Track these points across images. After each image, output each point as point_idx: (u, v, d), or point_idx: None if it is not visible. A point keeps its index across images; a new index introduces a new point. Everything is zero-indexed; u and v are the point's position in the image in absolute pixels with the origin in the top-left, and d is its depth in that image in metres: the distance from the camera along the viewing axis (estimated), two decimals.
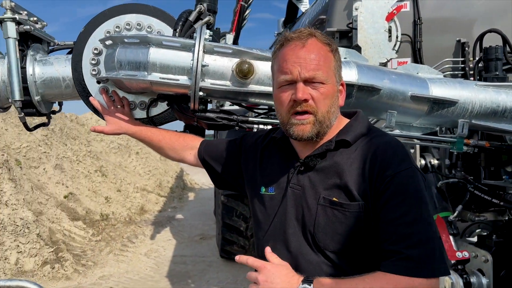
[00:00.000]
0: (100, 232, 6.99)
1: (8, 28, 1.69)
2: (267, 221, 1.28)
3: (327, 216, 1.14)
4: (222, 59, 1.48)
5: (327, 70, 1.14)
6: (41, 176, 7.56)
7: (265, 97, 1.56)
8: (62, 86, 1.83)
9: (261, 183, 1.31)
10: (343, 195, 1.13)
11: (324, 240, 1.14)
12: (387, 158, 1.12)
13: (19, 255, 4.98)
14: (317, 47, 1.15)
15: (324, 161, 1.19)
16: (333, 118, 1.19)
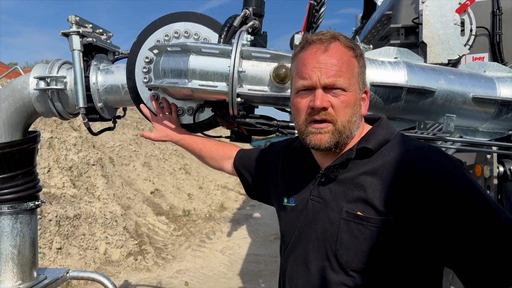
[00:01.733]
0: (181, 227, 7.36)
1: (73, 41, 1.84)
2: (289, 234, 1.21)
3: (350, 232, 1.04)
4: (260, 64, 1.45)
5: (349, 77, 1.06)
6: (131, 173, 8.20)
7: None
8: (122, 93, 1.95)
9: (283, 194, 1.26)
10: (368, 208, 1.03)
11: (347, 257, 1.05)
12: (427, 164, 1.00)
13: (107, 246, 5.44)
14: (339, 51, 1.06)
15: (345, 171, 1.10)
16: (354, 128, 1.10)
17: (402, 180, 1.00)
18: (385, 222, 1.00)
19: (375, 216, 1.01)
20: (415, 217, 0.99)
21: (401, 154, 1.04)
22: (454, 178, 0.97)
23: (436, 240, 0.99)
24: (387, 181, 1.02)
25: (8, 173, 1.94)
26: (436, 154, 1.03)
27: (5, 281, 2.00)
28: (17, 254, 2.01)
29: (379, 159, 1.06)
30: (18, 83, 1.97)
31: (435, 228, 0.98)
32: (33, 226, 2.10)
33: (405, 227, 0.99)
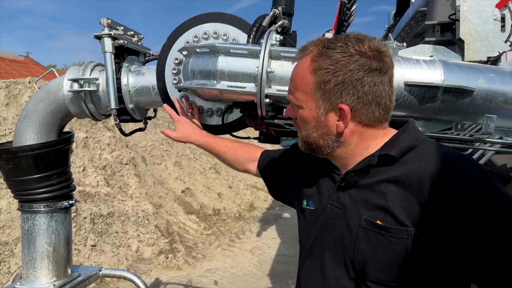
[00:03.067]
0: (211, 226, 7.42)
1: (105, 44, 1.87)
2: (307, 237, 1.18)
3: (369, 240, 1.00)
4: (289, 64, 1.43)
5: (300, 94, 1.05)
6: (162, 172, 8.33)
7: None
8: (152, 94, 1.97)
9: (303, 196, 1.23)
10: (388, 218, 0.98)
11: (364, 267, 1.01)
12: (454, 174, 0.94)
13: (139, 244, 5.55)
14: (300, 66, 1.06)
15: (367, 177, 1.05)
16: (325, 142, 1.06)
17: (426, 190, 0.95)
18: (405, 233, 0.96)
19: (395, 226, 0.97)
20: (438, 230, 0.93)
21: (426, 162, 0.98)
22: (484, 190, 0.91)
23: (460, 255, 0.94)
24: (410, 190, 0.97)
25: (43, 172, 2.00)
26: (465, 163, 0.97)
27: (40, 278, 2.06)
28: (52, 252, 2.07)
29: (402, 167, 1.00)
30: (53, 85, 2.02)
31: (461, 243, 0.92)
32: (67, 225, 2.15)
33: (427, 239, 0.94)
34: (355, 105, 1.00)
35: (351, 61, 0.98)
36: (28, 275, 2.07)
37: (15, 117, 6.23)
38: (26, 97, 6.66)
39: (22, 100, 6.62)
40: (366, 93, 0.99)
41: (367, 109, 1.01)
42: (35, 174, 1.99)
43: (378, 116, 1.02)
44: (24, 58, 18.14)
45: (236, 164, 1.66)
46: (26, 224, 2.05)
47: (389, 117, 1.06)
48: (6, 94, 6.51)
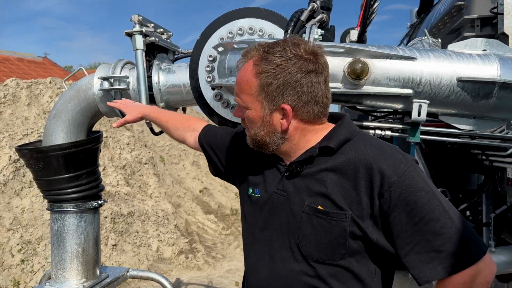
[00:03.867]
0: (230, 226, 7.38)
1: (137, 41, 1.84)
2: (253, 223, 1.26)
3: (312, 224, 1.11)
4: (333, 60, 1.37)
5: (245, 96, 1.13)
6: (180, 171, 8.33)
7: (382, 99, 1.39)
8: (183, 92, 1.93)
9: (249, 183, 1.30)
10: (328, 203, 1.10)
11: (308, 249, 1.12)
12: (383, 163, 1.06)
13: (159, 244, 5.54)
14: (243, 70, 1.13)
15: (309, 167, 1.15)
16: (271, 139, 1.15)
17: (360, 177, 1.07)
18: (343, 216, 1.07)
19: (335, 210, 1.08)
20: (371, 211, 1.06)
21: (360, 153, 1.10)
22: (408, 177, 1.04)
23: (388, 232, 1.07)
24: (346, 178, 1.09)
25: (73, 172, 1.98)
26: (393, 153, 1.10)
27: (70, 279, 2.04)
28: (82, 252, 2.04)
29: (340, 157, 1.12)
30: (83, 83, 2.00)
31: (389, 222, 1.06)
32: (96, 225, 2.12)
33: (362, 221, 1.07)
34: (296, 104, 1.10)
35: (290, 65, 1.08)
36: (58, 275, 2.05)
37: (37, 116, 6.29)
38: (47, 97, 6.72)
39: (43, 100, 6.68)
40: (305, 93, 1.09)
41: (306, 107, 1.11)
42: (65, 174, 1.97)
43: (317, 113, 1.13)
44: (42, 59, 18.37)
45: (175, 132, 1.66)
46: (56, 225, 2.03)
47: (327, 113, 1.17)
48: (28, 94, 6.57)
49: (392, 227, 1.06)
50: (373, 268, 1.13)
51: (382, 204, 1.05)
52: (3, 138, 5.60)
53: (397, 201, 1.04)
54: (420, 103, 1.33)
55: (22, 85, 6.65)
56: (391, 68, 1.32)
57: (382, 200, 1.05)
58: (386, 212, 1.05)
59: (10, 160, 5.27)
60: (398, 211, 1.04)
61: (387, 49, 1.34)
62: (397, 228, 1.05)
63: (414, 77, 1.32)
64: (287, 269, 1.16)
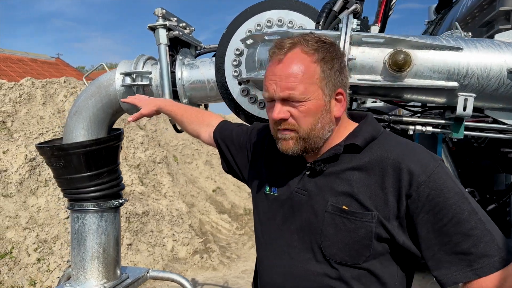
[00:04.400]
0: (243, 226, 7.32)
1: (160, 35, 1.78)
2: (269, 222, 1.21)
3: (335, 225, 1.07)
4: (372, 51, 1.29)
5: (306, 86, 1.03)
6: (193, 171, 8.30)
7: (424, 93, 1.31)
8: (207, 88, 1.87)
9: (266, 181, 1.25)
10: (353, 203, 1.05)
11: (331, 250, 1.08)
12: (412, 162, 1.02)
13: (174, 243, 5.50)
14: (296, 60, 1.04)
15: (332, 166, 1.11)
16: (324, 132, 1.09)
17: (388, 176, 1.03)
18: (369, 216, 1.03)
19: (360, 210, 1.04)
20: (397, 212, 1.02)
21: (387, 151, 1.06)
22: (437, 177, 1.00)
23: (414, 234, 1.03)
24: (373, 177, 1.05)
25: (94, 170, 1.93)
26: (421, 152, 1.06)
27: (91, 279, 1.99)
28: (102, 253, 1.99)
29: (366, 155, 1.08)
30: (104, 79, 1.95)
31: (415, 223, 1.01)
32: (116, 225, 2.08)
33: (388, 222, 1.02)
34: (344, 89, 1.10)
35: (334, 50, 1.08)
36: (78, 276, 2.00)
37: (52, 116, 6.30)
38: (62, 96, 6.73)
39: (58, 99, 6.68)
40: (347, 78, 1.11)
41: (347, 93, 1.11)
42: (86, 172, 1.92)
43: (349, 101, 1.13)
44: (55, 59, 18.53)
45: (189, 126, 1.60)
46: (76, 224, 1.98)
47: None
48: (43, 94, 6.59)
49: (418, 228, 1.02)
50: (395, 270, 1.09)
51: (410, 205, 1.01)
52: (19, 137, 5.61)
53: (426, 201, 1.00)
54: (466, 96, 1.25)
55: (37, 85, 6.67)
56: (435, 59, 1.24)
57: (410, 200, 1.01)
58: (413, 212, 1.01)
59: (26, 159, 5.28)
60: (425, 212, 1.00)
61: (430, 39, 1.26)
62: (424, 229, 1.01)
63: (460, 68, 1.24)
64: (307, 271, 1.11)
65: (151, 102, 1.66)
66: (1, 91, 6.23)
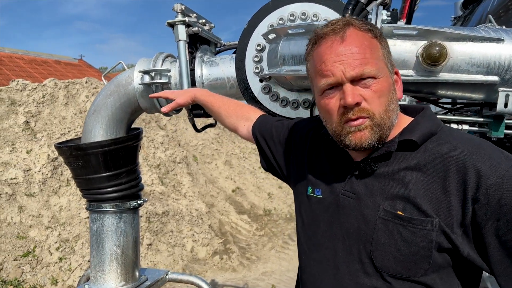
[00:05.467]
0: (263, 227, 7.25)
1: (179, 31, 1.73)
2: (313, 227, 1.10)
3: (389, 233, 0.94)
4: (403, 44, 1.20)
5: (376, 62, 0.93)
6: (213, 171, 8.28)
7: (461, 88, 1.22)
8: (227, 86, 1.80)
9: (308, 182, 1.14)
10: (410, 208, 0.92)
11: (383, 261, 0.95)
12: (480, 161, 0.88)
13: (193, 244, 5.48)
14: (358, 37, 0.94)
15: (384, 165, 0.98)
16: (394, 116, 0.97)
17: (451, 177, 0.90)
18: (429, 224, 0.90)
19: (418, 216, 0.92)
20: (462, 219, 0.89)
21: (450, 148, 0.93)
22: (510, 179, 0.86)
23: (481, 244, 0.90)
24: (433, 178, 0.92)
25: (113, 170, 1.89)
26: (490, 149, 0.92)
27: (109, 282, 1.96)
28: (121, 254, 1.96)
29: (424, 153, 0.95)
30: (122, 78, 1.91)
31: (483, 232, 0.88)
32: (135, 226, 2.04)
33: (451, 230, 0.90)
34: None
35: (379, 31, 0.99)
36: (97, 278, 1.97)
37: (74, 116, 6.37)
38: (84, 97, 6.80)
39: (80, 99, 6.76)
40: None
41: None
42: (104, 172, 1.88)
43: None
44: (78, 61, 18.88)
45: (227, 120, 1.51)
46: (95, 225, 1.95)
47: None
48: (65, 94, 6.67)
49: (487, 238, 0.88)
50: (456, 286, 0.96)
51: (477, 210, 0.87)
52: (42, 137, 5.69)
53: (496, 207, 0.86)
54: (508, 92, 1.15)
55: (60, 85, 6.76)
56: (473, 52, 1.15)
57: (477, 205, 0.87)
58: (481, 219, 0.88)
59: (48, 158, 5.34)
60: (496, 219, 0.86)
61: (468, 30, 1.17)
62: (494, 240, 0.88)
63: (501, 62, 1.14)
64: (355, 284, 0.99)
65: (187, 92, 1.59)
66: (25, 92, 6.34)
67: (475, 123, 1.28)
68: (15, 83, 6.45)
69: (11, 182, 4.96)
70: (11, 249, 4.37)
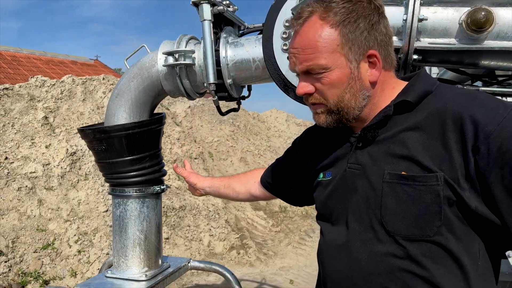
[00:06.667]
0: (279, 224, 7.21)
1: (204, 10, 1.69)
2: (327, 209, 1.10)
3: (396, 195, 0.93)
4: (445, 11, 1.15)
5: (326, 56, 0.95)
6: (228, 167, 8.26)
7: (506, 57, 1.16)
8: (252, 67, 1.77)
9: (318, 171, 1.14)
10: (413, 166, 0.91)
11: (394, 224, 0.93)
12: (476, 110, 0.87)
13: (210, 238, 5.46)
14: (312, 28, 0.96)
15: (384, 131, 0.99)
16: (356, 101, 0.99)
17: (449, 130, 0.89)
18: (434, 179, 0.89)
19: (422, 173, 0.90)
20: (466, 172, 0.87)
21: (445, 102, 0.93)
22: (509, 124, 0.85)
23: (489, 197, 0.87)
24: (432, 135, 0.92)
25: (136, 154, 1.87)
26: (486, 98, 0.92)
27: (132, 267, 1.94)
28: (144, 240, 1.93)
29: (421, 112, 0.96)
30: (146, 61, 1.88)
31: (489, 183, 0.86)
32: (158, 211, 2.01)
33: (457, 184, 0.88)
34: (379, 49, 0.98)
35: (362, 7, 0.96)
36: (120, 263, 1.95)
37: (91, 112, 6.42)
38: (101, 93, 6.85)
39: (97, 95, 6.81)
40: (385, 35, 0.98)
41: (387, 51, 0.99)
42: (128, 156, 1.86)
43: (393, 58, 1.01)
44: (94, 61, 19.10)
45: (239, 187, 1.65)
46: (118, 210, 1.93)
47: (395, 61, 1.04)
48: (83, 90, 6.73)
49: (493, 189, 0.86)
50: (476, 249, 0.92)
51: (479, 161, 0.86)
52: (60, 132, 5.74)
53: (498, 154, 0.84)
54: None
55: (78, 82, 6.82)
56: None
57: (478, 155, 0.86)
58: (484, 170, 0.86)
59: (67, 153, 5.39)
60: (499, 167, 0.84)
61: None
62: (501, 189, 0.85)
63: None
64: (369, 253, 0.97)
65: (201, 183, 1.87)
66: (44, 88, 6.41)
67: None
68: (34, 80, 6.53)
69: (31, 176, 5.01)
70: (31, 242, 4.41)
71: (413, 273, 0.92)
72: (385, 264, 0.94)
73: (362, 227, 0.99)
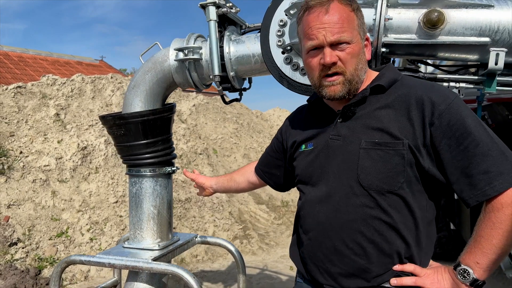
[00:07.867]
0: (281, 217, 7.45)
1: (210, 12, 1.95)
2: (308, 173, 1.32)
3: (370, 158, 1.18)
4: (407, 12, 1.40)
5: (351, 30, 1.19)
6: (232, 163, 8.51)
7: (457, 49, 1.41)
8: (252, 61, 2.02)
9: (300, 143, 1.37)
10: (385, 136, 1.17)
11: (368, 180, 1.18)
12: (433, 94, 1.15)
13: (215, 229, 5.71)
14: (339, 10, 1.18)
15: (361, 109, 1.24)
16: (362, 73, 1.24)
17: (413, 108, 1.15)
18: (401, 144, 1.14)
19: (392, 140, 1.16)
20: (423, 140, 1.13)
21: (410, 88, 1.20)
22: (456, 105, 1.12)
23: (439, 160, 1.14)
24: (400, 111, 1.17)
25: (150, 138, 2.13)
26: (440, 87, 1.21)
27: (147, 238, 2.19)
28: (157, 214, 2.19)
29: (391, 95, 1.21)
30: (159, 56, 2.14)
31: (439, 149, 1.12)
32: (169, 190, 2.27)
33: (417, 150, 1.14)
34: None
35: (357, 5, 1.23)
36: (136, 235, 2.20)
37: (100, 109, 6.69)
38: (109, 91, 7.12)
39: (105, 93, 7.09)
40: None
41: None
42: (143, 140, 2.12)
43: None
44: (99, 62, 19.36)
45: (240, 178, 1.89)
46: (134, 188, 2.18)
47: None
48: (92, 89, 7.01)
49: (442, 154, 1.12)
50: (424, 203, 1.20)
51: (433, 132, 1.12)
52: (71, 128, 6.01)
53: (447, 127, 1.10)
54: (497, 51, 1.33)
55: (87, 80, 7.10)
56: (467, 17, 1.34)
57: (433, 128, 1.12)
58: (436, 139, 1.12)
59: (78, 147, 5.66)
60: (448, 137, 1.11)
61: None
62: (447, 155, 1.11)
63: (491, 25, 1.33)
64: (347, 204, 1.21)
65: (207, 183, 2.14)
66: (55, 86, 6.69)
67: (472, 81, 1.47)
68: (46, 78, 6.81)
69: (45, 169, 5.29)
70: (46, 230, 4.69)
71: (381, 220, 1.19)
72: (360, 213, 1.19)
73: (341, 184, 1.23)
